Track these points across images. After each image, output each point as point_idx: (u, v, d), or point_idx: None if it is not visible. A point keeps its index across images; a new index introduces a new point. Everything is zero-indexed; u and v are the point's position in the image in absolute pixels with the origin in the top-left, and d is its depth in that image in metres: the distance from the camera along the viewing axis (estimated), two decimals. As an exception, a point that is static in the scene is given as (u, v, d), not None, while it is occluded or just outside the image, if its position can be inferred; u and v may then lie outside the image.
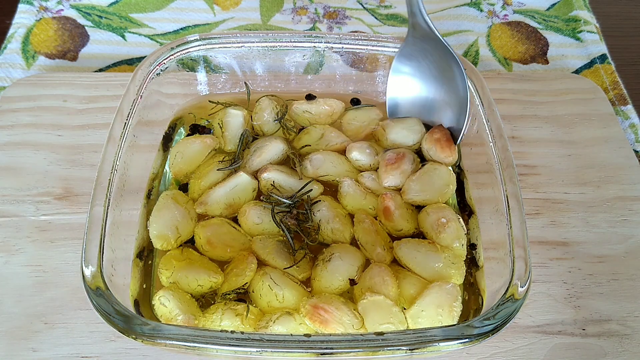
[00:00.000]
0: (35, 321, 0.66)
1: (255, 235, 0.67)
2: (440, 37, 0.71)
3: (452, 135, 0.74)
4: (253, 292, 0.63)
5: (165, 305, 0.60)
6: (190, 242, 0.68)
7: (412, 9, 0.71)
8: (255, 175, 0.72)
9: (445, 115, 0.75)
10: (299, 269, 0.65)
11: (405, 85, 0.77)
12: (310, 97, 0.81)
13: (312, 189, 0.69)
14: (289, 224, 0.67)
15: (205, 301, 0.64)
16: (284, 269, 0.64)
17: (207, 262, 0.65)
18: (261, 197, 0.70)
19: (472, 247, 0.68)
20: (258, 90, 0.82)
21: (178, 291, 0.62)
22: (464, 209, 0.72)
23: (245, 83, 0.80)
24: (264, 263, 0.65)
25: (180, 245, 0.67)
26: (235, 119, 0.75)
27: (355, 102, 0.82)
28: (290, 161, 0.74)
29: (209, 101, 0.79)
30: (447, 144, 0.72)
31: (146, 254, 0.68)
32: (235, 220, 0.69)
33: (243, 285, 0.62)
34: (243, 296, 0.63)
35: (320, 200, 0.69)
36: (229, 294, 0.62)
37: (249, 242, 0.67)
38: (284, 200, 0.67)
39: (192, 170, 0.73)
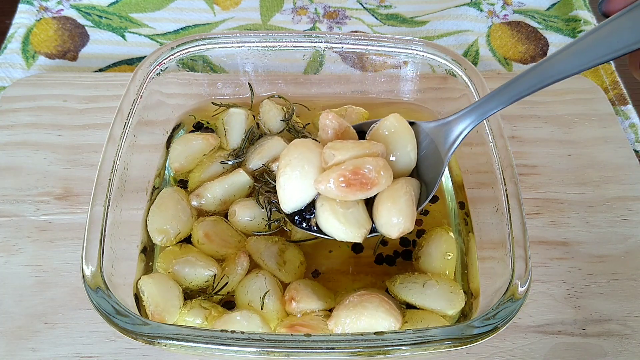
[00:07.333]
0: (35, 321, 0.66)
1: (250, 236, 0.68)
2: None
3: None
4: (241, 286, 0.64)
5: (143, 294, 0.61)
6: (189, 241, 0.68)
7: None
8: (253, 174, 0.72)
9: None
10: (287, 274, 0.65)
11: None
12: None
13: None
14: (271, 200, 0.67)
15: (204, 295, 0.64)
16: (269, 267, 0.65)
17: (204, 256, 0.66)
18: (254, 179, 0.71)
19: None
20: (258, 90, 0.82)
21: (161, 280, 0.62)
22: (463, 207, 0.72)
23: (248, 84, 0.80)
24: (256, 263, 0.66)
25: (179, 242, 0.68)
26: (237, 118, 0.76)
27: None
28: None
29: (212, 103, 0.79)
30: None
31: (148, 251, 0.68)
32: (227, 216, 0.70)
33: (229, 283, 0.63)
34: (232, 297, 0.64)
35: None
36: (216, 290, 0.63)
37: (244, 240, 0.68)
38: (272, 182, 0.68)
39: (192, 167, 0.74)
